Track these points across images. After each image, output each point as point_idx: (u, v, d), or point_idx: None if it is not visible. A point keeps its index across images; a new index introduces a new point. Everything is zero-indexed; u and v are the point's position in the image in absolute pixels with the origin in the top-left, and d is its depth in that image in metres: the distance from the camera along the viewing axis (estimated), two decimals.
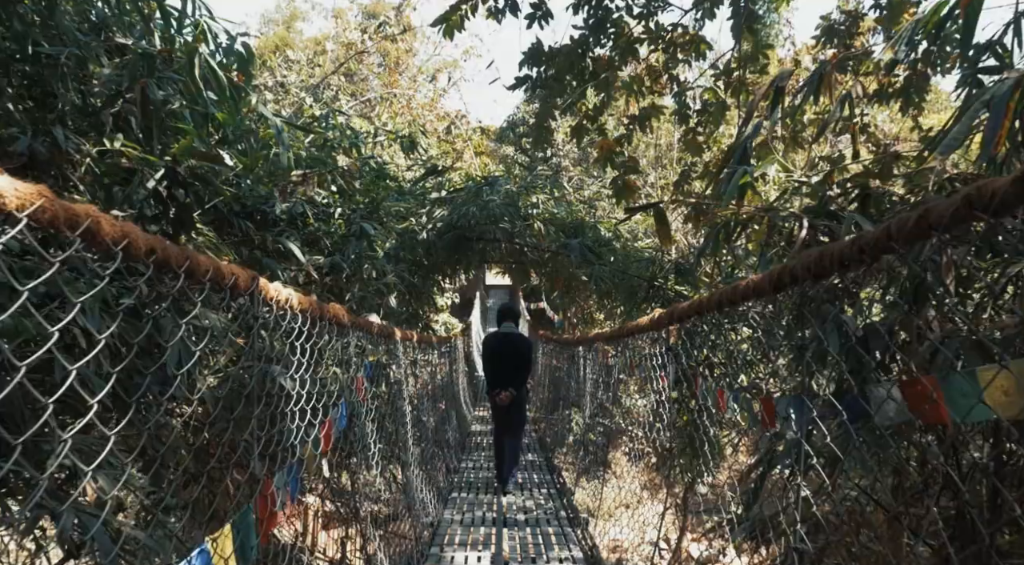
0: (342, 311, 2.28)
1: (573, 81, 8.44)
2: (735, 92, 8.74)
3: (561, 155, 17.43)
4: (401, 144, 6.48)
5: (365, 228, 5.06)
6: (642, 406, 17.02)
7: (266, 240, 4.70)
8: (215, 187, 3.86)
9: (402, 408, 4.02)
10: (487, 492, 5.88)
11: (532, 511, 5.47)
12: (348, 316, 2.34)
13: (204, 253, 4.05)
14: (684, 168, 9.65)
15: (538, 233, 6.06)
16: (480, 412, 10.79)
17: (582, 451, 14.63)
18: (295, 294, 1.78)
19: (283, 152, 4.03)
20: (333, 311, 2.17)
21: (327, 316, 2.11)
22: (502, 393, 6.03)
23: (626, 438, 15.35)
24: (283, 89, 16.36)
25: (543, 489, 6.03)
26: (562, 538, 4.90)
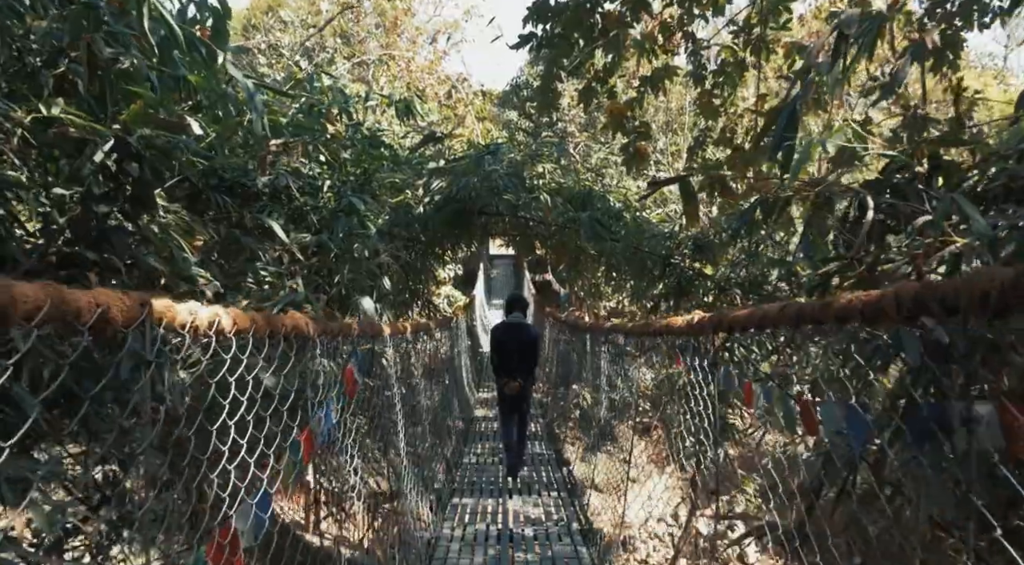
0: (303, 321, 1.82)
1: (581, 40, 7.88)
2: (755, 51, 8.16)
3: (567, 120, 16.82)
4: (396, 110, 5.97)
5: (354, 203, 4.60)
6: (650, 380, 16.70)
7: (243, 217, 4.24)
8: (178, 159, 3.39)
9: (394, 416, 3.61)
10: (492, 494, 5.34)
11: (542, 523, 4.91)
12: (314, 325, 1.89)
13: (169, 235, 3.59)
14: (699, 133, 9.11)
15: (545, 206, 5.58)
16: (483, 394, 10.24)
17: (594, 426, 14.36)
18: (226, 313, 1.32)
19: (257, 118, 3.55)
20: (290, 323, 1.71)
21: (282, 332, 1.64)
22: (511, 382, 6.05)
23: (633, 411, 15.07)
24: (276, 51, 15.73)
25: (552, 492, 5.44)
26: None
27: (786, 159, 2.63)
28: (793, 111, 2.58)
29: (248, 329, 1.39)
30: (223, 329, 1.28)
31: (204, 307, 1.26)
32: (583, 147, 17.27)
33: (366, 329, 2.68)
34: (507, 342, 6.17)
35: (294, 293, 4.22)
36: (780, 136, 2.62)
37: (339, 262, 4.60)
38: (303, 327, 1.77)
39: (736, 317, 1.69)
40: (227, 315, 1.30)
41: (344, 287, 4.49)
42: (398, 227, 5.11)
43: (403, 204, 5.40)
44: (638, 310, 16.40)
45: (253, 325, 1.40)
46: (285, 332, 1.63)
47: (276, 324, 1.57)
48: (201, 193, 4.41)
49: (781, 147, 2.63)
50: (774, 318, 1.59)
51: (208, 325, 1.23)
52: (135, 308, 1.09)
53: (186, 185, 4.37)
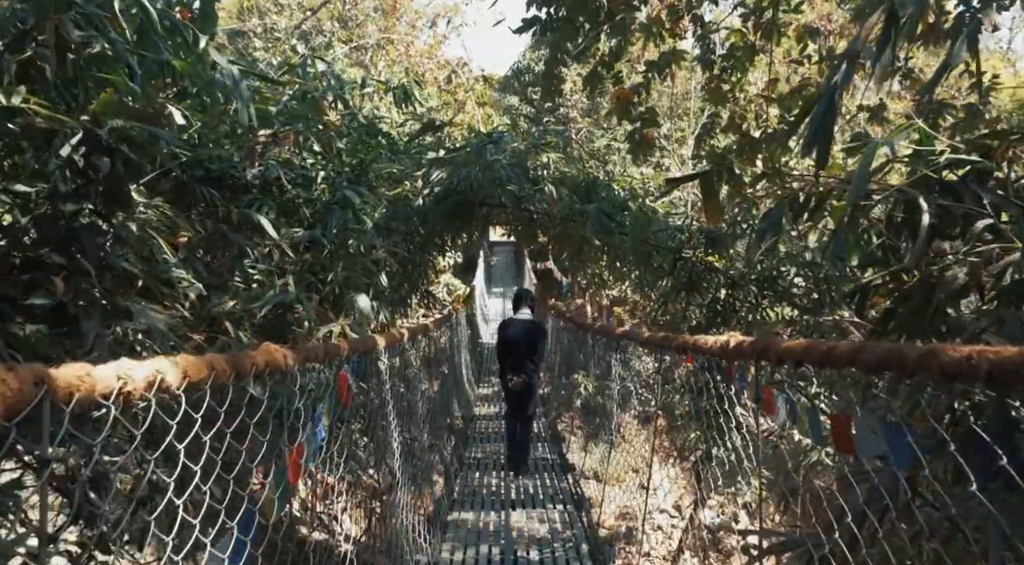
0: (279, 354, 1.56)
1: (586, 23, 7.58)
2: (765, 34, 7.87)
3: (569, 106, 16.48)
4: (394, 96, 5.70)
5: (348, 196, 4.34)
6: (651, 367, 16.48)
7: (230, 212, 3.99)
8: (155, 152, 3.14)
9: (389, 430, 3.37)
10: (495, 507, 5.01)
11: (548, 544, 4.54)
12: (293, 355, 1.63)
13: (146, 233, 3.34)
14: (707, 120, 8.84)
15: (550, 197, 5.32)
16: (484, 390, 9.89)
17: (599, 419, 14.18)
18: (172, 365, 1.04)
19: (242, 107, 3.29)
20: (262, 360, 1.44)
21: (252, 372, 1.37)
22: (516, 379, 6.05)
23: (635, 400, 14.87)
24: (272, 35, 15.37)
25: (558, 504, 5.06)
26: None
27: (822, 153, 2.37)
28: (831, 101, 2.32)
29: (206, 379, 1.13)
30: (168, 387, 1.02)
31: (141, 364, 0.99)
32: (585, 133, 16.95)
33: (357, 347, 2.44)
34: (513, 338, 6.17)
35: (285, 292, 3.99)
36: (817, 128, 2.36)
37: (333, 258, 4.36)
38: (279, 361, 1.51)
39: (789, 349, 1.44)
40: (174, 368, 1.04)
41: (338, 285, 4.24)
42: (396, 221, 4.85)
43: (401, 196, 5.15)
44: (642, 299, 16.16)
45: (212, 372, 1.15)
46: (256, 371, 1.38)
47: (243, 364, 1.31)
48: (186, 186, 4.16)
49: (818, 140, 2.37)
50: (844, 358, 1.34)
51: (147, 386, 0.97)
52: (26, 390, 0.80)
53: (171, 178, 4.13)
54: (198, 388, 1.10)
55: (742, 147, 8.27)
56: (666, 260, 5.56)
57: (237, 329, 3.80)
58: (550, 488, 5.32)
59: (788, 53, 10.84)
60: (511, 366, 6.15)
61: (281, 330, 4.08)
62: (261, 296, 3.95)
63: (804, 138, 2.40)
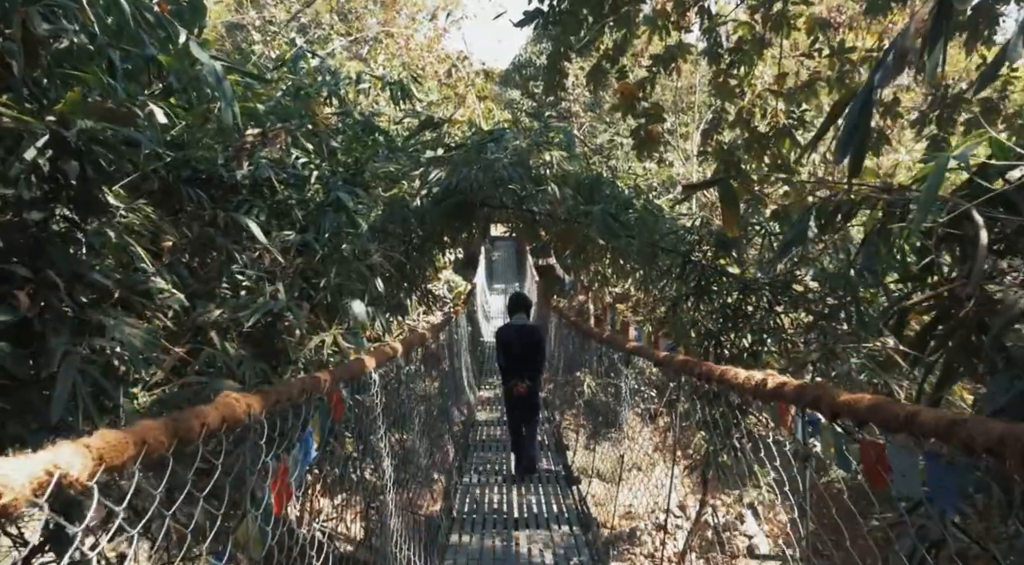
0: (241, 404, 1.31)
1: (589, 16, 7.36)
2: (774, 27, 7.63)
3: (571, 99, 16.23)
4: (391, 92, 5.48)
5: (341, 199, 4.13)
6: None
7: (217, 215, 3.78)
8: (130, 154, 2.93)
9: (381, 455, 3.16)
10: (496, 527, 4.70)
11: None
12: (260, 400, 1.40)
13: (124, 240, 3.13)
14: (713, 115, 8.61)
15: (553, 197, 5.10)
16: (485, 392, 9.63)
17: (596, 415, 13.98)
18: (79, 452, 0.77)
19: (226, 106, 3.08)
20: (215, 417, 1.19)
21: (202, 434, 1.10)
22: (519, 385, 5.96)
23: (638, 398, 14.68)
24: (271, 28, 15.13)
25: (564, 525, 4.69)
26: None
27: (857, 160, 2.16)
28: (868, 101, 2.11)
29: (133, 458, 0.90)
30: (74, 481, 0.79)
31: (31, 461, 0.76)
32: (588, 127, 16.70)
33: (342, 375, 2.22)
34: (513, 344, 6.09)
35: (275, 300, 3.78)
36: (851, 131, 2.15)
37: (326, 263, 4.15)
38: (239, 413, 1.26)
39: (852, 405, 1.21)
40: (83, 456, 0.80)
41: (331, 292, 4.04)
42: (392, 223, 4.63)
43: (398, 197, 4.93)
44: (645, 297, 15.94)
45: (142, 448, 0.92)
46: (208, 431, 1.14)
47: (188, 428, 1.07)
48: (172, 188, 3.95)
49: (852, 145, 2.16)
50: (928, 428, 1.11)
51: (35, 490, 0.71)
52: None
53: (156, 179, 3.92)
54: (126, 467, 0.88)
55: (750, 143, 8.06)
56: (674, 263, 5.35)
57: (223, 340, 3.60)
58: (555, 505, 5.04)
59: (796, 46, 10.59)
60: (513, 372, 6.05)
61: (271, 340, 3.88)
62: (250, 304, 3.75)
63: (836, 143, 2.18)
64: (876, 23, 9.80)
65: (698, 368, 2.11)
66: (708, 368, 2.02)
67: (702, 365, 2.11)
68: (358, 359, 2.46)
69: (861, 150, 2.16)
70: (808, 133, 8.28)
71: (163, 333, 3.56)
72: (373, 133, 5.66)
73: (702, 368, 2.08)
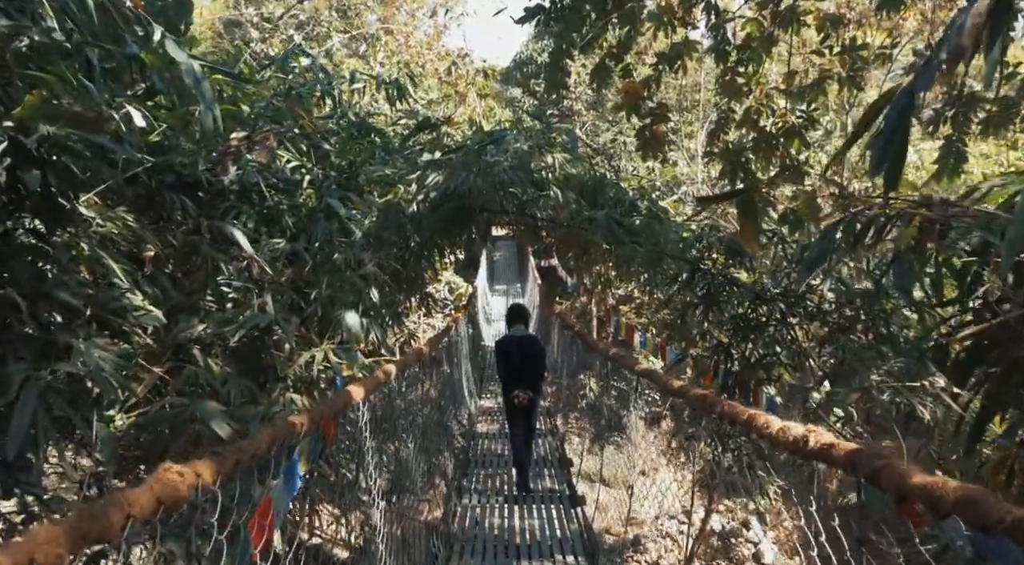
0: (186, 479, 1.08)
1: (592, 13, 7.13)
2: (783, 24, 7.41)
3: (573, 98, 16.00)
4: (387, 93, 5.26)
5: (332, 206, 3.93)
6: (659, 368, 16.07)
7: (200, 223, 3.57)
8: (100, 160, 2.73)
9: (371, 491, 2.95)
10: (496, 555, 4.41)
11: None
12: (215, 465, 1.17)
13: (97, 252, 2.93)
14: (720, 115, 8.38)
15: (556, 202, 4.89)
16: (486, 402, 9.35)
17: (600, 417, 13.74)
18: None
19: (205, 109, 2.87)
20: (147, 501, 0.97)
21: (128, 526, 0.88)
22: (519, 395, 5.89)
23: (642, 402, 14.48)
24: (270, 25, 14.90)
25: (568, 554, 4.39)
26: None
27: (894, 173, 1.95)
28: (908, 107, 1.90)
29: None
30: None
31: None
32: (590, 125, 16.47)
33: (324, 411, 2.00)
34: (513, 355, 6.03)
35: (262, 314, 3.58)
36: (888, 141, 1.94)
37: (317, 274, 3.94)
38: (181, 491, 1.04)
39: (935, 494, 0.99)
40: None
41: (322, 304, 3.83)
42: (387, 230, 4.43)
43: (393, 203, 4.72)
44: (649, 299, 15.74)
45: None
46: (143, 515, 0.92)
47: (105, 524, 0.84)
48: (156, 194, 3.74)
49: (888, 156, 1.94)
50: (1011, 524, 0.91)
51: None
52: None
53: (137, 185, 3.72)
54: None
55: (757, 143, 7.84)
56: (681, 269, 5.14)
57: (207, 357, 3.39)
58: (559, 530, 4.78)
59: (804, 43, 10.35)
60: (513, 383, 5.98)
61: (258, 355, 3.67)
62: (236, 318, 3.54)
63: (872, 154, 1.96)
64: (886, 19, 9.57)
65: (720, 407, 1.90)
66: (732, 409, 1.80)
67: (724, 404, 1.90)
68: (344, 391, 2.25)
69: (899, 162, 1.95)
70: (815, 133, 8.04)
71: (141, 351, 3.37)
72: (369, 134, 5.46)
73: (724, 408, 1.86)
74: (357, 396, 2.27)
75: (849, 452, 1.20)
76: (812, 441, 1.32)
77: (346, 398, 2.18)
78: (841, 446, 1.24)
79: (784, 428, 1.45)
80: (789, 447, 1.40)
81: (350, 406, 2.27)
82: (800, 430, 1.38)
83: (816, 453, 1.30)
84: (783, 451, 1.44)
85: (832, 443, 1.27)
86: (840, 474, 1.28)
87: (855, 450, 1.18)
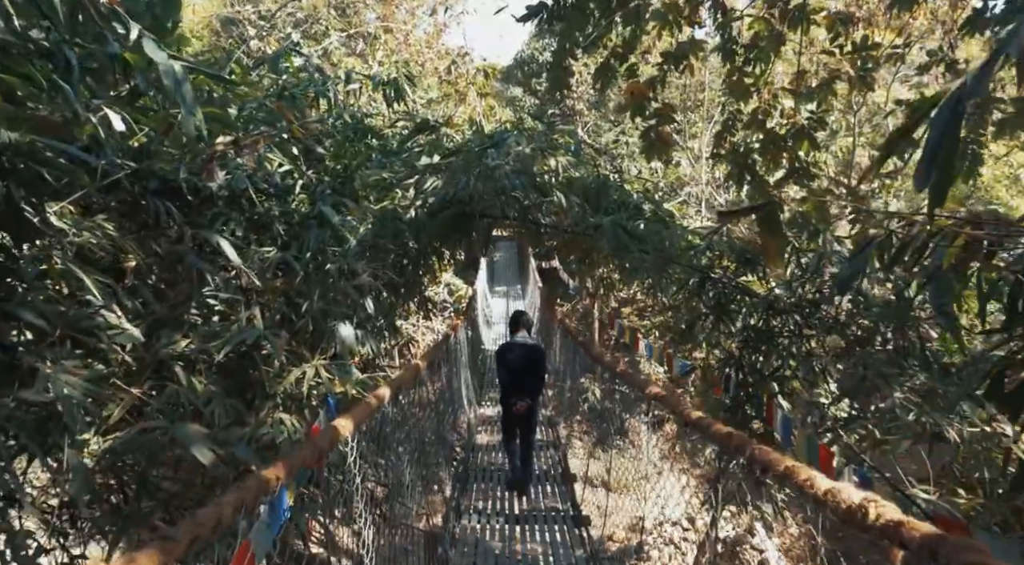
0: None
1: (596, 11, 6.93)
2: (792, 23, 7.21)
3: (575, 97, 15.79)
4: (384, 93, 5.07)
5: (325, 214, 3.73)
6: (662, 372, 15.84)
7: (184, 232, 3.38)
8: (67, 168, 2.54)
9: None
10: None
11: None
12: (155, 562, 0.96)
13: (69, 266, 2.74)
14: (728, 116, 8.19)
15: (559, 207, 4.70)
16: (486, 410, 9.10)
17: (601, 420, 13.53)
18: None
19: (186, 113, 2.67)
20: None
21: None
22: (518, 404, 5.85)
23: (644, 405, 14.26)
24: (268, 23, 14.69)
25: None
26: None
27: (941, 188, 1.76)
28: (956, 115, 1.71)
29: None
30: None
31: None
32: (592, 125, 16.25)
33: (303, 459, 1.80)
34: (513, 362, 5.95)
35: (250, 328, 3.38)
36: (934, 152, 1.75)
37: (309, 284, 3.74)
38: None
39: None
40: None
41: (314, 317, 3.63)
42: (383, 238, 4.23)
43: (389, 210, 4.52)
44: (653, 302, 15.53)
45: None
46: None
47: None
48: (139, 201, 3.55)
49: (935, 169, 1.76)
50: None
51: None
52: None
53: (120, 191, 3.53)
54: None
55: (765, 145, 7.65)
56: (691, 277, 4.95)
57: (190, 374, 3.20)
58: (563, 557, 4.55)
59: (811, 43, 10.14)
60: (513, 390, 5.92)
61: (245, 372, 3.48)
62: (222, 332, 3.35)
63: (916, 167, 1.76)
64: (895, 19, 9.37)
65: (750, 450, 1.69)
66: (766, 457, 1.60)
67: (755, 449, 1.69)
68: (332, 426, 2.05)
69: (947, 175, 1.76)
70: (821, 133, 7.82)
71: (120, 370, 3.17)
72: (365, 137, 5.26)
73: (756, 452, 1.66)
74: (346, 431, 2.08)
75: (927, 537, 0.99)
76: (872, 514, 1.12)
77: (333, 435, 1.99)
78: (913, 526, 1.04)
79: (833, 491, 1.25)
80: (841, 516, 1.21)
81: (336, 445, 2.07)
82: (856, 496, 1.18)
83: (879, 530, 1.10)
84: (836, 518, 1.24)
85: (901, 521, 1.07)
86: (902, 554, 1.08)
87: (936, 536, 0.98)
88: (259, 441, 3.17)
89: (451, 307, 13.87)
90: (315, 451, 1.81)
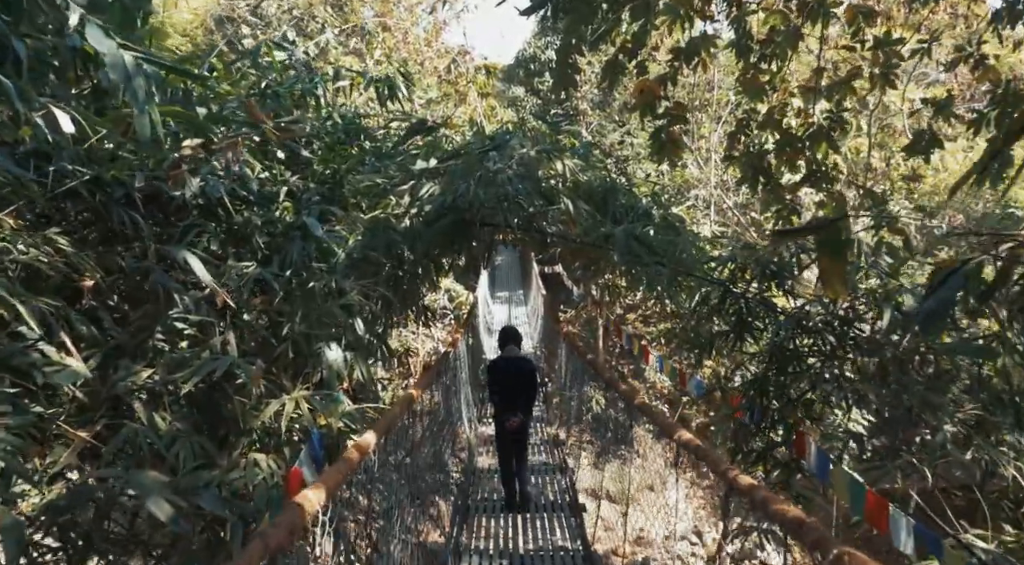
0: None
1: (603, 4, 6.56)
2: (810, 17, 6.83)
3: (578, 97, 15.40)
4: (377, 92, 4.70)
5: (308, 226, 3.35)
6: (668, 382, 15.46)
7: (147, 247, 3.00)
8: None
9: None
10: None
11: None
12: None
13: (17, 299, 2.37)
14: (742, 116, 7.80)
15: (567, 215, 4.32)
16: (487, 428, 8.62)
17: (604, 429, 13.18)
18: None
19: (139, 111, 2.30)
20: None
21: None
22: (512, 419, 5.75)
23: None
24: (263, 21, 14.33)
25: None
26: None
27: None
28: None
29: None
30: None
31: None
32: (596, 126, 15.86)
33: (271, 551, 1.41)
34: (506, 377, 5.91)
35: (222, 356, 3.00)
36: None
37: (291, 304, 3.36)
38: None
39: None
40: None
41: (295, 341, 3.25)
42: (375, 251, 3.85)
43: (381, 219, 4.14)
44: (661, 310, 15.13)
45: None
46: None
47: None
48: (104, 211, 3.17)
49: None
50: None
51: None
52: None
53: (80, 201, 3.16)
54: None
55: (781, 146, 7.27)
56: (707, 290, 4.58)
57: (152, 410, 2.81)
58: None
59: (826, 40, 9.76)
60: (506, 406, 5.84)
61: (217, 406, 3.09)
62: (191, 360, 2.97)
63: None
64: (914, 14, 8.99)
65: (772, 507, 1.33)
66: (794, 518, 1.24)
67: (777, 506, 1.33)
68: (292, 509, 1.66)
69: None
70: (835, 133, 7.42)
71: (70, 407, 2.79)
72: (358, 138, 4.88)
73: (778, 511, 1.30)
74: (313, 506, 1.69)
75: None
76: None
77: (298, 517, 1.59)
78: None
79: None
80: None
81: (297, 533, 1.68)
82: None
83: None
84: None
85: None
86: None
87: None
88: (230, 486, 2.78)
89: (451, 314, 13.48)
90: (277, 543, 1.43)
